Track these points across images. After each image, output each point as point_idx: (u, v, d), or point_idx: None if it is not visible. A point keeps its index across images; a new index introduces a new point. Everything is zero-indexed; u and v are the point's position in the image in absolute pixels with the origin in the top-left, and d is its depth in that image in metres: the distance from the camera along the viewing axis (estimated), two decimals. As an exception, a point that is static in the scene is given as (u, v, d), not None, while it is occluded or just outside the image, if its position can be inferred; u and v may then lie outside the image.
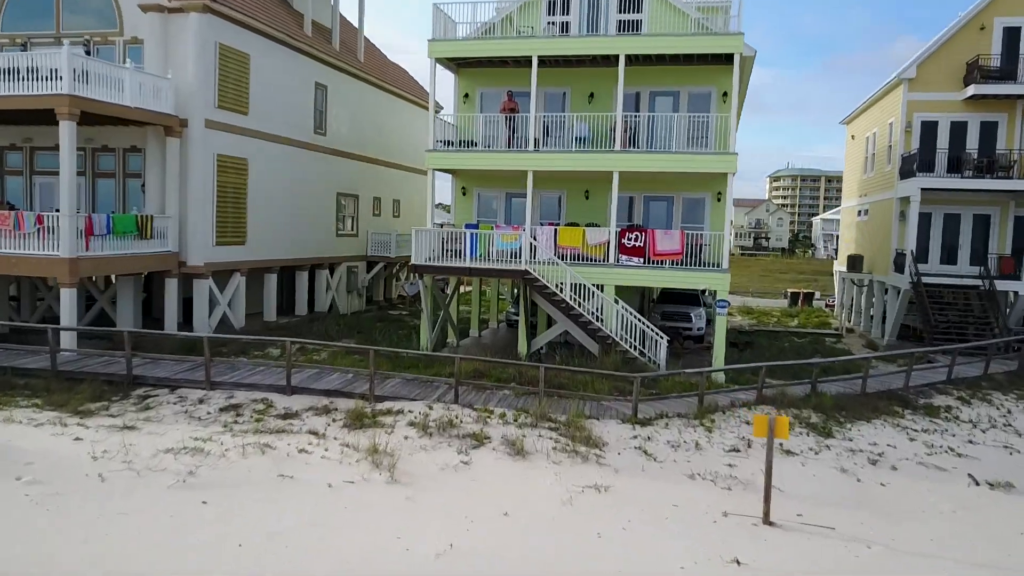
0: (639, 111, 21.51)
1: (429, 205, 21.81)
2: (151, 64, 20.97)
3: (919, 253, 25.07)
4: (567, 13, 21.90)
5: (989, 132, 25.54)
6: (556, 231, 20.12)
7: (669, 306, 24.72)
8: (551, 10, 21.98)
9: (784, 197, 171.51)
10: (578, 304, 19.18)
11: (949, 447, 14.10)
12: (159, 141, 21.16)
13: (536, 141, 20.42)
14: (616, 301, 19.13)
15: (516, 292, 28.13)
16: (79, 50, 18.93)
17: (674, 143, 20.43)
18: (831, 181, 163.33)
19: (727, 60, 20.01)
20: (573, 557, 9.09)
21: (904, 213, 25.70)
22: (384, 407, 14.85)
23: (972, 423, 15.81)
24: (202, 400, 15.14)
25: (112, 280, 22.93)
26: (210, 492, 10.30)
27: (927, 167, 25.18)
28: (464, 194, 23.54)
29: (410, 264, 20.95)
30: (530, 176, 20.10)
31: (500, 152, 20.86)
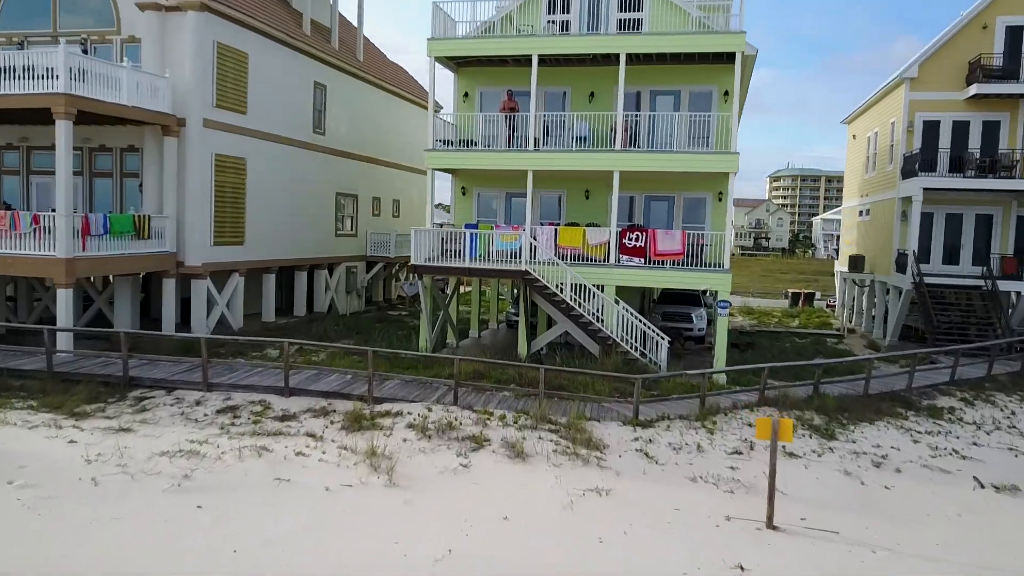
0: (640, 110, 21.37)
1: (428, 205, 21.68)
2: (148, 63, 20.84)
3: (921, 253, 24.95)
4: (567, 12, 21.77)
5: (991, 131, 25.41)
6: (556, 231, 20.00)
7: (670, 306, 24.59)
8: (551, 9, 21.86)
9: (784, 197, 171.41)
10: (578, 305, 19.05)
11: (953, 449, 13.96)
12: (157, 140, 21.02)
13: (536, 140, 20.28)
14: (617, 302, 19.00)
15: (516, 292, 28.01)
16: (76, 49, 18.82)
17: (675, 142, 20.32)
18: (831, 181, 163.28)
19: (728, 59, 19.90)
20: (574, 563, 8.95)
21: (906, 213, 25.57)
22: (383, 409, 14.71)
23: (976, 425, 15.68)
24: (199, 402, 15.00)
25: (110, 280, 22.79)
26: (205, 496, 10.14)
27: (929, 167, 25.05)
28: (464, 194, 23.40)
29: (409, 264, 20.82)
30: (530, 176, 19.97)
31: (500, 152, 20.74)
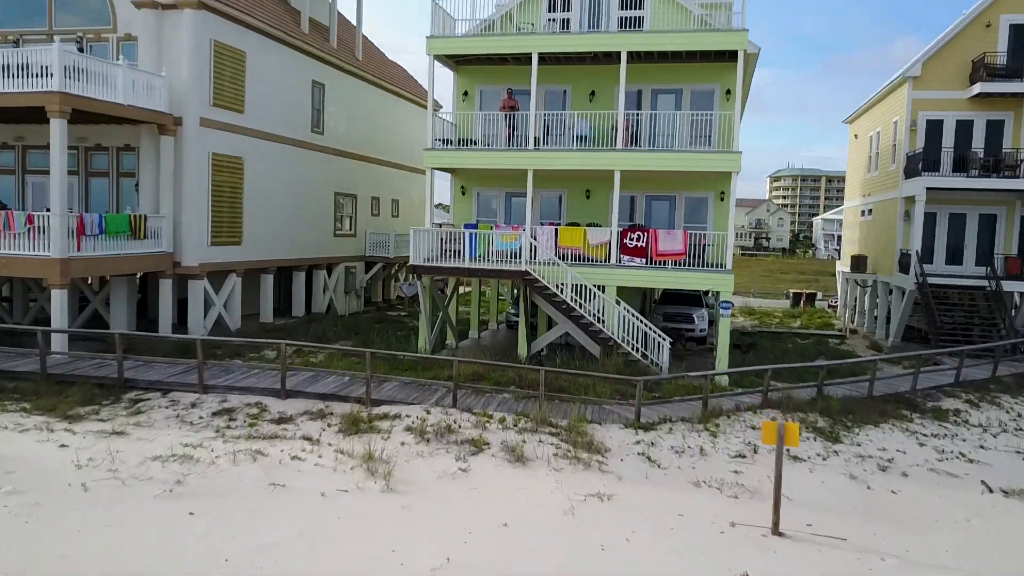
0: (641, 109, 21.18)
1: (428, 205, 21.46)
2: (145, 62, 20.63)
3: (924, 253, 24.74)
4: (568, 10, 21.57)
5: (995, 131, 25.20)
6: (557, 231, 19.79)
7: (671, 307, 24.40)
8: (551, 7, 21.66)
9: (784, 197, 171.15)
10: (579, 305, 18.84)
11: (960, 452, 13.74)
12: (153, 139, 20.81)
13: (536, 140, 20.06)
14: (618, 302, 18.78)
15: (516, 293, 27.80)
16: (71, 47, 18.61)
17: (677, 141, 20.12)
18: (832, 181, 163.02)
19: (730, 57, 19.69)
20: (575, 571, 8.73)
21: (909, 213, 25.38)
22: (381, 411, 14.49)
23: (982, 427, 15.47)
24: (195, 404, 14.78)
25: (107, 281, 22.58)
26: (198, 502, 9.91)
27: (932, 166, 24.84)
28: (463, 193, 23.19)
29: (408, 264, 20.61)
30: (530, 175, 19.75)
31: (500, 151, 20.53)
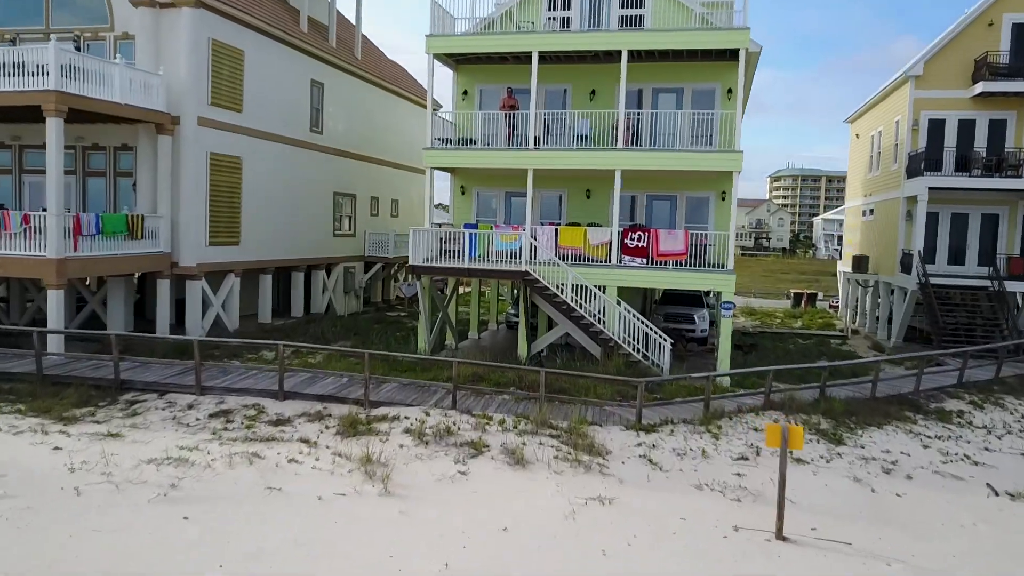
0: (642, 108, 21.02)
1: (427, 204, 21.30)
2: (143, 60, 20.49)
3: (926, 253, 24.60)
4: (568, 8, 21.44)
5: (998, 130, 25.06)
6: (557, 231, 19.64)
7: (672, 307, 24.26)
8: (552, 5, 21.52)
9: (784, 197, 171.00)
10: (579, 306, 18.70)
11: (965, 454, 13.60)
12: (151, 139, 20.66)
13: (536, 139, 19.91)
14: (618, 303, 18.64)
15: (516, 293, 27.65)
16: (67, 45, 18.44)
17: (678, 141, 19.98)
18: (832, 181, 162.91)
19: (732, 56, 19.54)
20: (576, 576, 8.59)
21: (911, 213, 25.24)
22: (379, 413, 14.35)
23: (987, 429, 15.32)
24: (191, 406, 14.64)
25: (105, 281, 22.43)
26: (193, 506, 9.75)
27: (934, 166, 24.70)
28: (463, 193, 23.04)
29: (408, 265, 20.46)
30: (530, 175, 19.61)
31: (500, 150, 20.38)
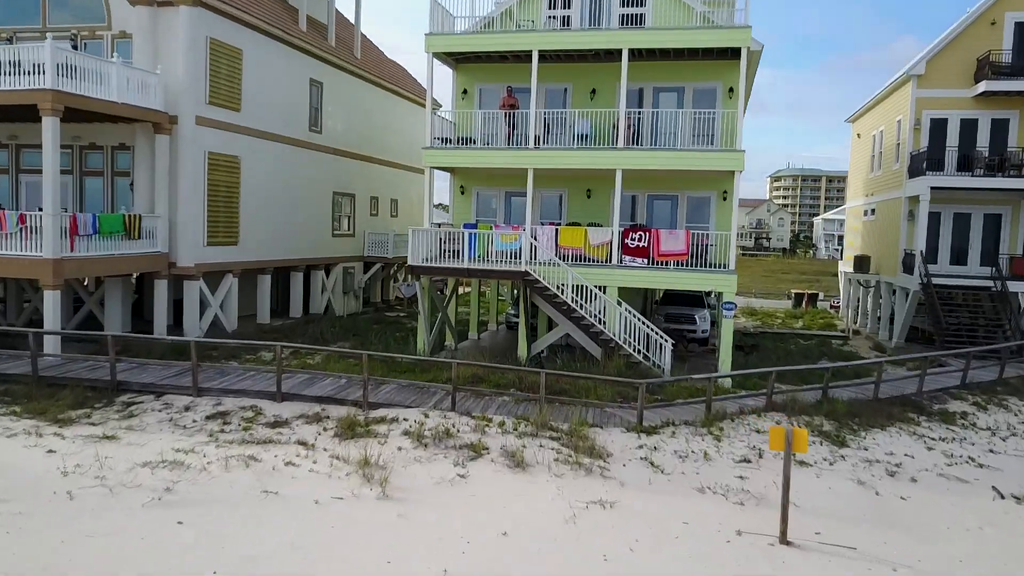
0: (642, 107, 20.88)
1: (427, 204, 21.17)
2: (140, 59, 20.35)
3: (928, 253, 24.46)
4: (568, 7, 21.31)
5: (1000, 129, 24.94)
6: (557, 231, 19.51)
7: (673, 308, 24.13)
8: (552, 4, 21.40)
9: (785, 197, 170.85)
10: (580, 306, 18.56)
11: (969, 457, 13.46)
12: (148, 138, 20.53)
13: (536, 138, 19.78)
14: (619, 303, 18.51)
15: (516, 293, 27.51)
16: (64, 44, 18.33)
17: (679, 140, 19.85)
18: (832, 181, 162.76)
19: (733, 55, 19.39)
20: (577, 581, 8.46)
21: (913, 212, 25.11)
22: (378, 415, 14.21)
23: (991, 431, 15.18)
24: (188, 407, 14.50)
25: (102, 281, 22.30)
26: (187, 511, 9.61)
27: (936, 165, 24.57)
28: (462, 193, 22.90)
29: (407, 265, 20.32)
30: (530, 174, 19.47)
31: (499, 149, 20.25)
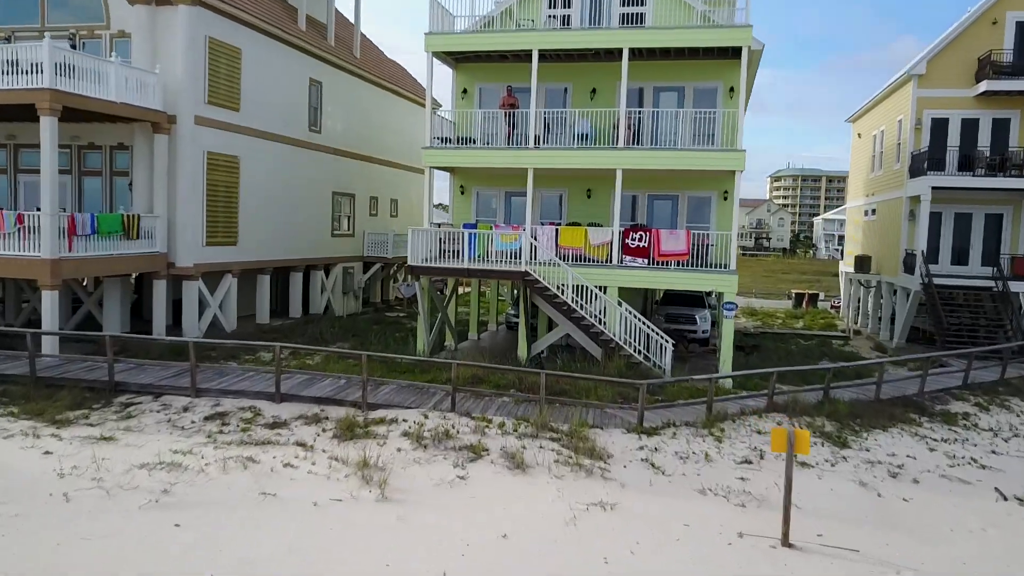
0: (643, 107, 20.81)
1: (427, 204, 21.10)
2: (139, 59, 20.29)
3: (929, 253, 24.40)
4: (568, 6, 21.25)
5: (1001, 129, 24.90)
6: (557, 231, 19.44)
7: (673, 308, 24.06)
8: (552, 3, 21.35)
9: (785, 197, 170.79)
10: (580, 306, 18.50)
11: (972, 458, 13.39)
12: (147, 138, 20.47)
13: (536, 138, 19.71)
14: (619, 303, 18.44)
15: (516, 294, 27.44)
16: (62, 43, 18.26)
17: (679, 140, 19.78)
18: (832, 181, 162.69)
19: (734, 54, 19.32)
20: (577, 584, 8.39)
21: (914, 212, 25.05)
22: (377, 416, 14.14)
23: (993, 431, 15.11)
24: (187, 408, 14.42)
25: (101, 282, 22.24)
26: (185, 513, 9.54)
27: (937, 165, 24.52)
28: (462, 193, 22.84)
29: (407, 265, 20.26)
30: (530, 174, 19.41)
31: (499, 149, 20.18)
